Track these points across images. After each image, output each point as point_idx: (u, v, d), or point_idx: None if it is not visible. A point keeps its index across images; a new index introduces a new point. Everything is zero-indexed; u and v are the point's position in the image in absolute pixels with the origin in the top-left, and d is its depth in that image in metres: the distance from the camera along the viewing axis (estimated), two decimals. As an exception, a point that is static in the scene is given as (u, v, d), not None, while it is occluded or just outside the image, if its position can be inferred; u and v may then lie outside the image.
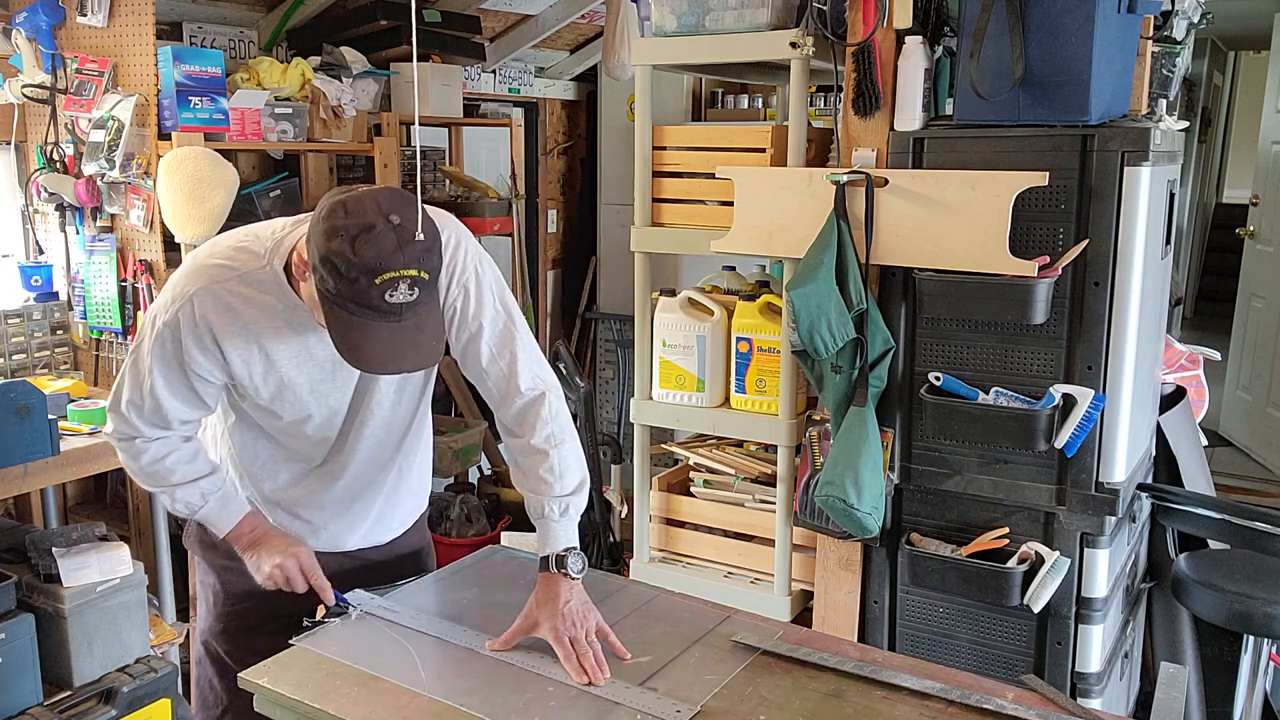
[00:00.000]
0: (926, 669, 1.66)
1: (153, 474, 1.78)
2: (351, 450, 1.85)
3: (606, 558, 3.83)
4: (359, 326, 1.49)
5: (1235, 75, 9.25)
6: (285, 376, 1.71)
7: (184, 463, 1.78)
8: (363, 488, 1.90)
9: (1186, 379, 2.94)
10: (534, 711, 1.52)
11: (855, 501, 2.24)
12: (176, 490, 1.78)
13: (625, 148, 4.18)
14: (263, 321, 1.65)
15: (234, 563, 1.87)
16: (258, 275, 1.65)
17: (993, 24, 2.14)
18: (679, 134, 2.68)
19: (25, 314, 3.02)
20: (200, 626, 1.96)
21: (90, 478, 3.37)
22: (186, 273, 1.68)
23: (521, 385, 1.77)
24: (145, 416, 1.73)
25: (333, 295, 1.48)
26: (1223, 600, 2.33)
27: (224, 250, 1.68)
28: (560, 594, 1.69)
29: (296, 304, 1.65)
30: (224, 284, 1.64)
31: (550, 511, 1.75)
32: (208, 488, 1.79)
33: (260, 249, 1.66)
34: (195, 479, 1.78)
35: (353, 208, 1.47)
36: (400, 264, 1.45)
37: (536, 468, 1.76)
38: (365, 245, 1.44)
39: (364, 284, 1.45)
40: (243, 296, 1.64)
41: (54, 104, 2.97)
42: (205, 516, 1.80)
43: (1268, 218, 5.60)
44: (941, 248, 2.19)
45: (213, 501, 1.79)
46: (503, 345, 1.77)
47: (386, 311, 1.47)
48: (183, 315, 1.64)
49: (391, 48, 3.77)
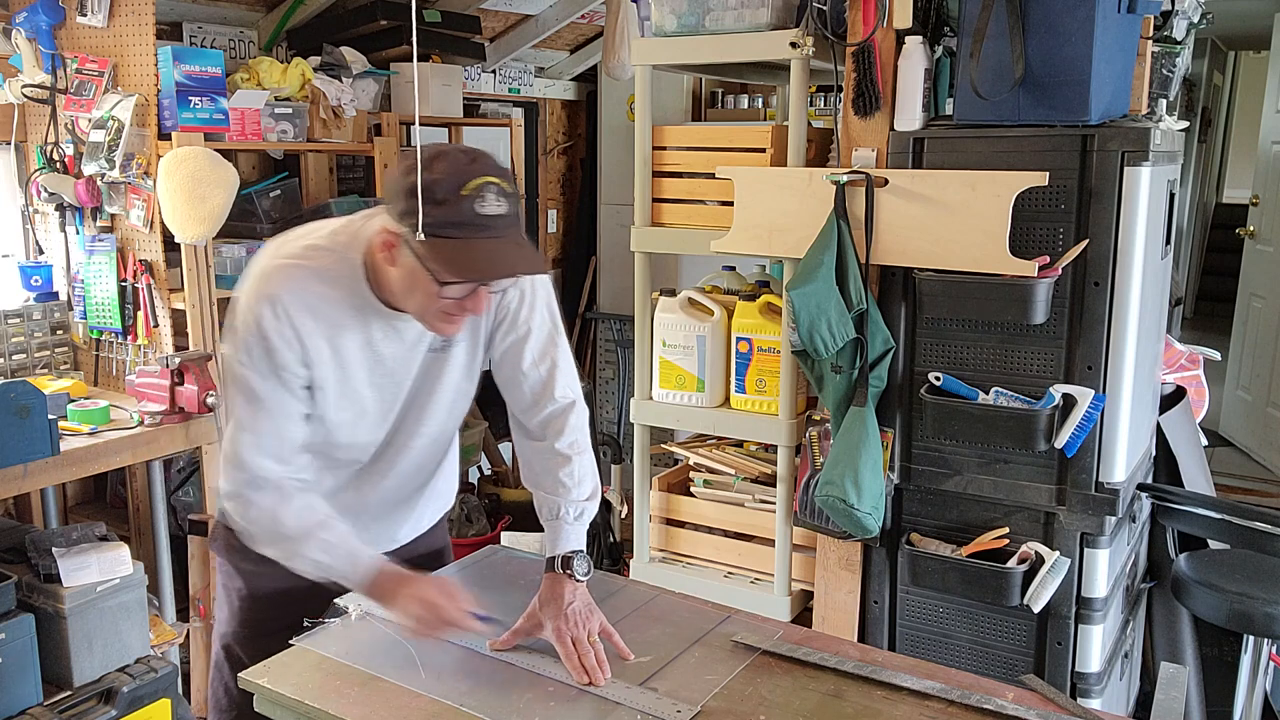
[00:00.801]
0: (926, 669, 1.66)
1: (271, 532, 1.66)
2: (400, 455, 1.84)
3: (606, 558, 3.83)
4: (463, 246, 1.50)
5: (1235, 75, 9.25)
6: (351, 370, 1.70)
7: (301, 513, 1.66)
8: (406, 495, 1.91)
9: (1186, 379, 2.94)
10: (534, 711, 1.52)
11: (855, 501, 2.24)
12: (300, 546, 1.64)
13: (625, 148, 4.18)
14: (335, 315, 1.65)
15: (262, 567, 1.85)
16: (332, 271, 1.64)
17: (993, 24, 2.14)
18: (679, 134, 2.68)
19: (25, 314, 3.02)
20: (221, 630, 1.94)
21: (90, 478, 3.37)
22: (257, 278, 1.64)
23: (556, 393, 1.81)
24: (264, 444, 1.64)
25: (428, 226, 1.48)
26: (1223, 600, 2.33)
27: (294, 250, 1.66)
28: (564, 594, 1.70)
29: (368, 298, 1.64)
30: (299, 281, 1.62)
31: (565, 514, 1.78)
32: (331, 540, 1.66)
33: (333, 245, 1.66)
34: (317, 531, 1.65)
35: (419, 154, 1.51)
36: (480, 172, 1.49)
37: (557, 470, 1.80)
38: (441, 165, 1.48)
39: (453, 200, 1.47)
40: (316, 294, 1.63)
41: (54, 104, 2.97)
42: (335, 572, 1.66)
43: (1268, 218, 5.60)
44: (941, 248, 2.19)
45: (339, 557, 1.66)
46: (545, 352, 1.80)
47: (481, 225, 1.49)
48: (265, 320, 1.60)
49: (391, 48, 3.77)
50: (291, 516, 1.65)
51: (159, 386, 2.77)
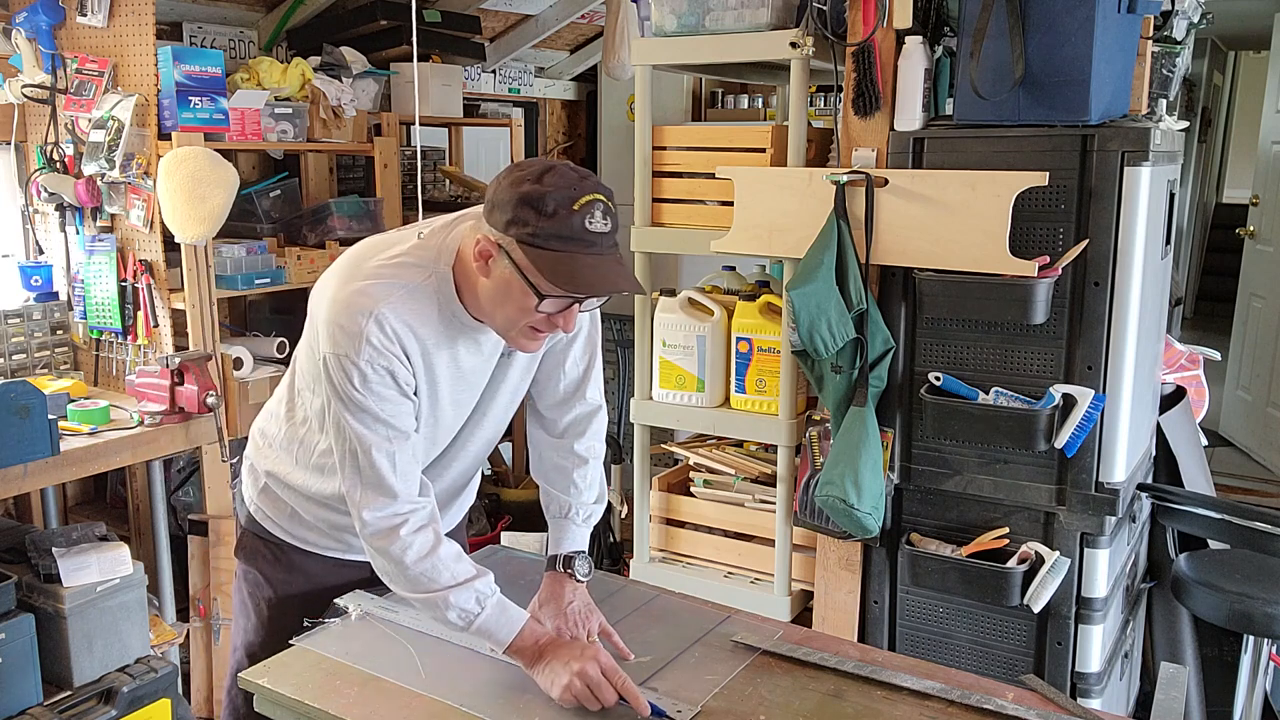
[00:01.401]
0: (926, 669, 1.66)
1: (419, 575, 1.57)
2: (457, 458, 1.83)
3: (606, 558, 3.83)
4: (566, 260, 1.48)
5: (1235, 75, 9.24)
6: (439, 389, 1.67)
7: (451, 561, 1.59)
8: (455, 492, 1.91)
9: (1186, 379, 2.94)
10: (534, 711, 1.52)
11: (855, 501, 2.24)
12: (450, 594, 1.56)
13: (625, 148, 4.18)
14: (426, 332, 1.61)
15: (293, 575, 1.85)
16: (426, 288, 1.59)
17: (993, 24, 2.14)
18: (679, 134, 2.68)
19: (25, 314, 3.02)
20: (245, 639, 1.91)
21: (90, 478, 3.37)
22: (353, 297, 1.57)
23: (588, 394, 1.84)
24: (399, 465, 1.58)
25: (535, 237, 1.47)
26: (1223, 600, 2.33)
27: (376, 269, 1.60)
28: (565, 594, 1.72)
29: (456, 313, 1.61)
30: (395, 301, 1.57)
31: (574, 514, 1.81)
32: (483, 590, 1.59)
33: (418, 260, 1.60)
34: (467, 580, 1.58)
35: (526, 165, 1.51)
36: (590, 189, 1.48)
37: (572, 470, 1.83)
38: (553, 178, 1.47)
39: (564, 214, 1.46)
40: (410, 310, 1.59)
41: (54, 104, 2.97)
42: (483, 624, 1.58)
43: (1268, 218, 5.60)
44: (941, 248, 2.19)
45: (490, 607, 1.58)
46: (586, 351, 1.82)
47: (589, 241, 1.48)
48: (374, 338, 1.54)
49: (391, 48, 3.77)
50: (448, 563, 1.58)
51: (159, 386, 2.78)
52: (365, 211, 3.49)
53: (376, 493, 1.57)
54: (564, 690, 1.52)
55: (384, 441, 1.57)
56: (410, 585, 1.59)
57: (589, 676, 1.51)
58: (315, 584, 1.84)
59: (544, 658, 1.57)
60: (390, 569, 1.60)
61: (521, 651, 1.58)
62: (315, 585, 1.84)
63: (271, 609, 1.88)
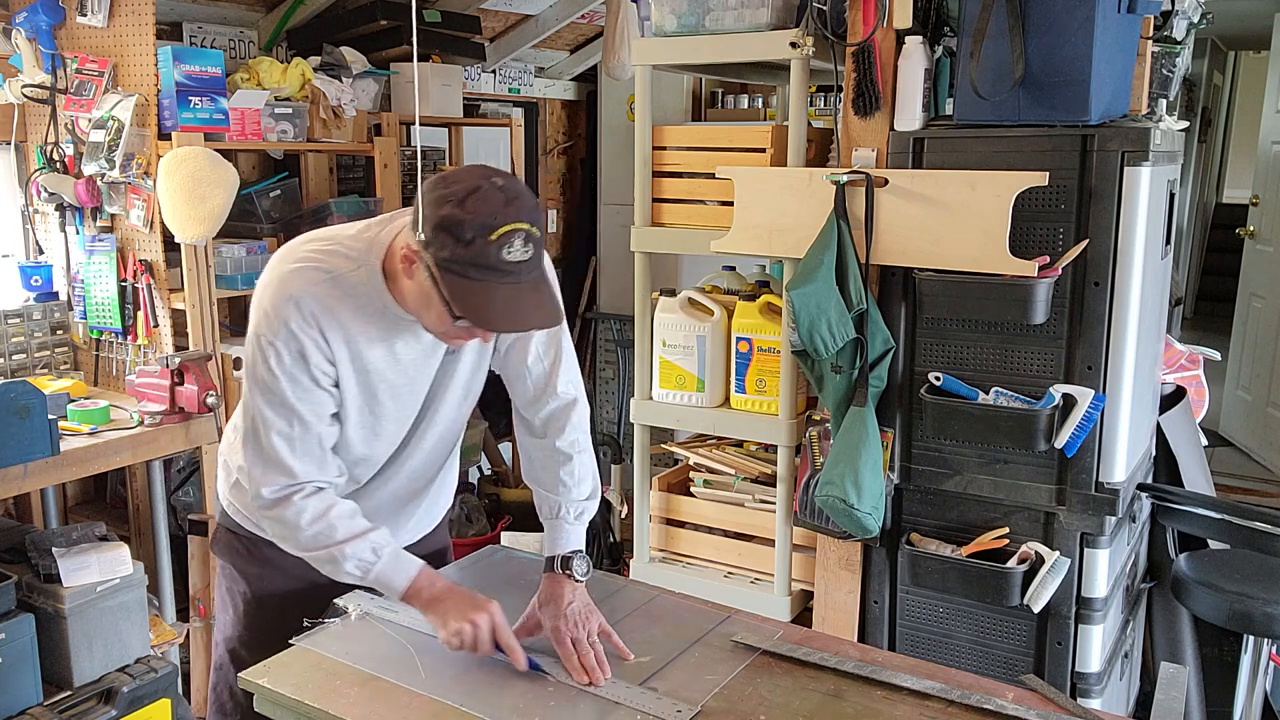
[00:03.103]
0: (926, 669, 1.66)
1: (316, 535, 1.63)
2: (412, 455, 1.84)
3: (606, 558, 3.83)
4: (481, 290, 1.48)
5: (1235, 75, 9.25)
6: (373, 381, 1.68)
7: (345, 518, 1.65)
8: (415, 490, 1.91)
9: (1186, 379, 2.94)
10: (534, 711, 1.52)
11: (855, 501, 2.24)
12: (345, 548, 1.62)
13: (625, 148, 4.18)
14: (356, 324, 1.63)
15: (266, 570, 1.85)
16: (351, 277, 1.61)
17: (993, 24, 2.14)
18: (679, 134, 2.68)
19: (25, 314, 3.02)
20: (224, 634, 1.93)
21: (90, 478, 3.37)
22: (276, 281, 1.61)
23: (559, 388, 1.81)
24: (297, 447, 1.62)
25: (451, 262, 1.46)
26: (1223, 600, 2.33)
27: (309, 255, 1.63)
28: (564, 595, 1.70)
29: (388, 305, 1.62)
30: (320, 285, 1.60)
31: (565, 513, 1.79)
32: (378, 541, 1.65)
33: (350, 251, 1.62)
34: (363, 533, 1.64)
35: (454, 177, 1.48)
36: (513, 218, 1.45)
37: (558, 469, 1.80)
38: (476, 203, 1.45)
39: (481, 243, 1.44)
40: (336, 298, 1.61)
41: (54, 104, 2.97)
42: (379, 574, 1.65)
43: (1268, 218, 5.60)
44: (941, 248, 2.19)
45: (385, 556, 1.65)
46: (549, 345, 1.80)
47: (506, 271, 1.47)
48: (293, 321, 1.58)
49: (391, 48, 3.77)
50: (342, 519, 1.64)
51: (159, 386, 2.77)
52: (365, 211, 3.49)
53: (275, 472, 1.62)
54: (451, 634, 1.61)
55: (285, 425, 1.61)
56: (308, 544, 1.64)
57: (479, 625, 1.60)
58: (291, 579, 1.83)
59: (440, 601, 1.64)
60: (285, 533, 1.66)
61: (417, 595, 1.65)
62: (291, 580, 1.83)
63: (247, 604, 1.90)
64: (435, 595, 1.66)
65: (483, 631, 1.61)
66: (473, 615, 1.61)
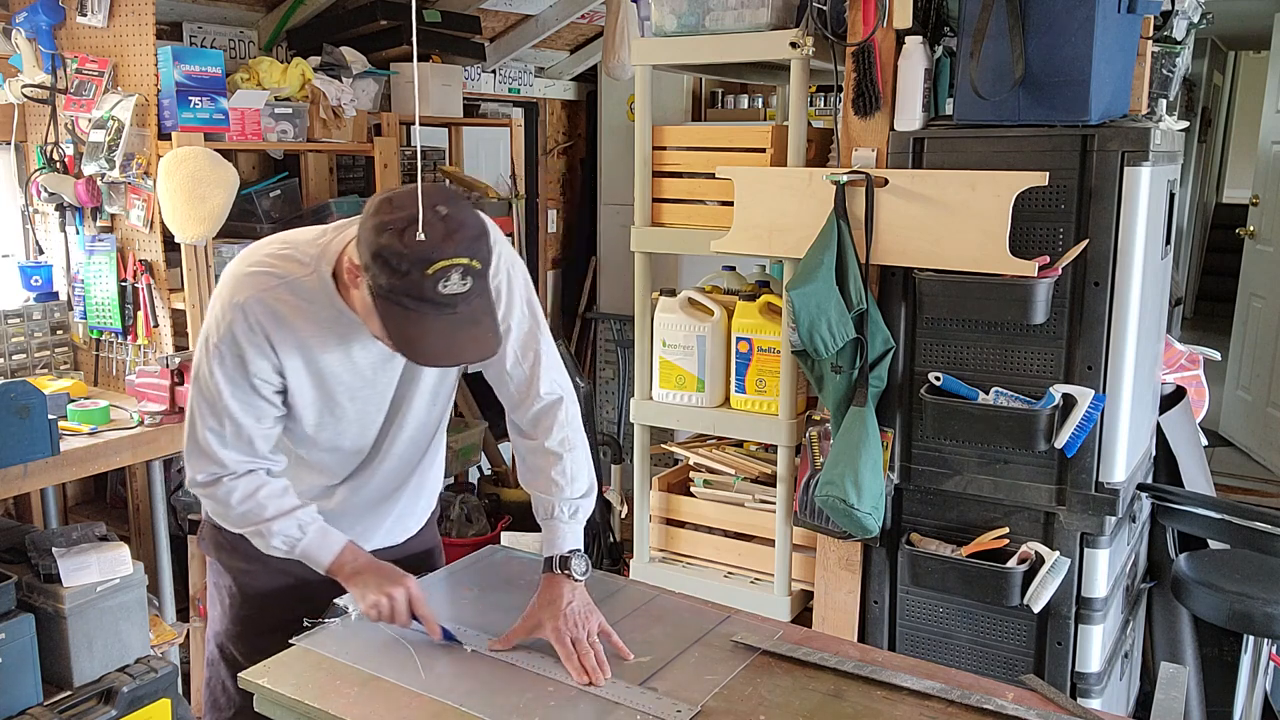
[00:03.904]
0: (926, 669, 1.66)
1: (244, 513, 1.70)
2: (383, 458, 1.85)
3: (606, 558, 3.83)
4: (415, 321, 1.48)
5: (1235, 75, 9.25)
6: (329, 384, 1.70)
7: (275, 496, 1.71)
8: (388, 493, 1.91)
9: (1186, 379, 2.94)
10: (534, 711, 1.52)
11: (855, 501, 2.24)
12: (273, 524, 1.69)
13: (625, 148, 4.18)
14: (308, 329, 1.64)
15: (251, 565, 1.86)
16: (304, 283, 1.62)
17: (993, 24, 2.14)
18: (679, 134, 2.68)
19: (25, 314, 3.02)
20: (214, 629, 1.95)
21: (90, 478, 3.37)
22: (229, 284, 1.65)
23: (541, 390, 1.79)
24: (227, 440, 1.67)
25: (386, 291, 1.47)
26: (1223, 600, 2.33)
27: (264, 259, 1.65)
28: (563, 595, 1.70)
29: (342, 310, 1.63)
30: (270, 291, 1.62)
31: (560, 513, 1.78)
32: (304, 518, 1.72)
33: (304, 257, 1.63)
34: (290, 510, 1.71)
35: (399, 202, 1.47)
36: (451, 252, 1.44)
37: (549, 469, 1.79)
38: (413, 234, 1.43)
39: (416, 276, 1.43)
40: (288, 304, 1.62)
41: (54, 104, 2.97)
42: (305, 549, 1.72)
43: (1268, 218, 5.60)
44: (941, 248, 2.19)
45: (311, 533, 1.72)
46: (527, 349, 1.78)
47: (441, 304, 1.46)
48: (237, 326, 1.61)
49: (391, 48, 3.77)
50: (271, 498, 1.70)
51: (159, 386, 2.78)
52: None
53: (206, 461, 1.68)
54: (370, 606, 1.69)
55: (216, 424, 1.66)
56: (237, 521, 1.71)
57: (395, 598, 1.69)
58: (277, 574, 1.84)
59: (361, 575, 1.72)
60: (218, 510, 1.73)
61: (340, 569, 1.73)
62: (277, 576, 1.84)
63: (232, 599, 1.91)
64: (357, 569, 1.73)
65: (399, 604, 1.69)
66: (389, 589, 1.69)
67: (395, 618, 1.69)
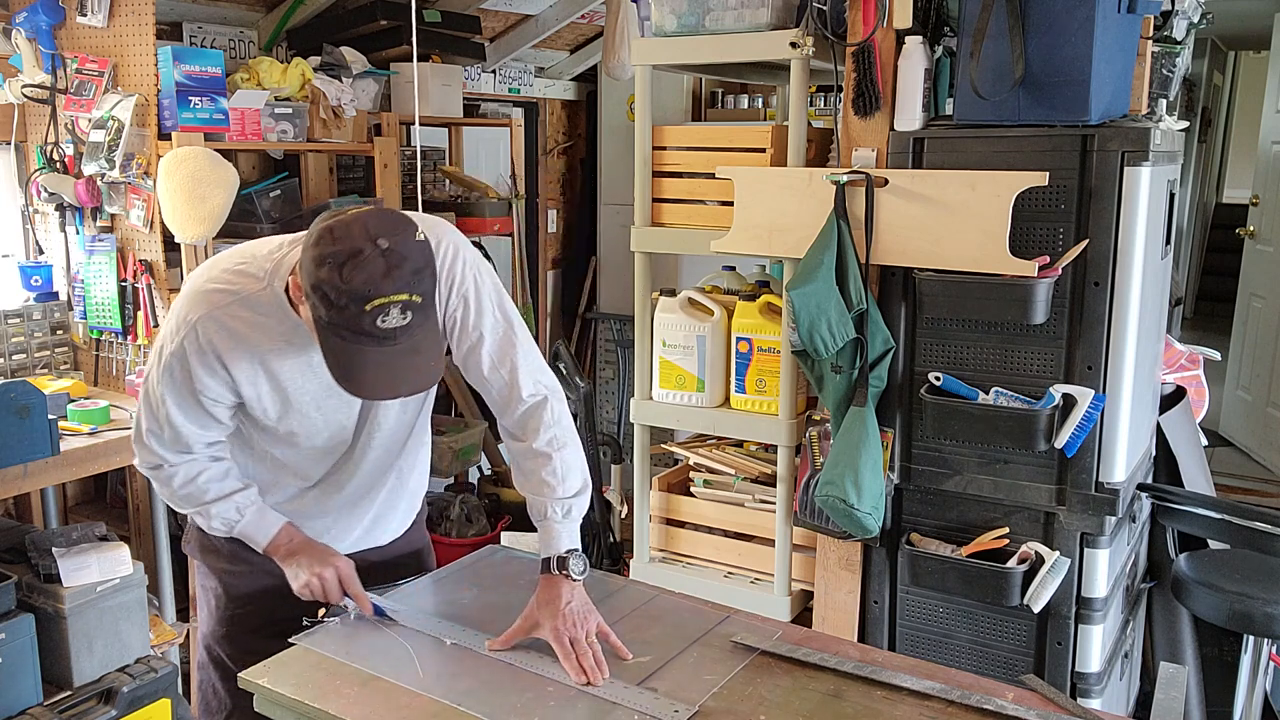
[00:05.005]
0: (926, 669, 1.66)
1: (186, 496, 1.78)
2: (358, 461, 1.86)
3: (606, 558, 3.83)
4: (354, 353, 1.48)
5: (1235, 75, 9.24)
6: (291, 395, 1.71)
7: (216, 480, 1.78)
8: (362, 495, 1.91)
9: (1186, 379, 2.94)
10: (533, 711, 1.52)
11: (855, 501, 2.24)
12: (212, 508, 1.77)
13: (625, 148, 4.18)
14: (265, 343, 1.65)
15: (236, 566, 1.87)
16: (257, 298, 1.64)
17: (993, 24, 2.14)
18: (679, 134, 2.68)
19: (25, 314, 3.02)
20: (202, 630, 1.96)
21: (90, 478, 3.37)
22: (186, 299, 1.67)
23: (524, 392, 1.78)
24: (166, 443, 1.74)
25: (325, 323, 1.47)
26: (1223, 600, 2.33)
27: (221, 275, 1.67)
28: (561, 595, 1.70)
29: (297, 323, 1.63)
30: (224, 309, 1.63)
31: (553, 514, 1.76)
32: (242, 502, 1.79)
33: (259, 271, 1.65)
34: (229, 494, 1.78)
35: (340, 233, 1.45)
36: (390, 289, 1.43)
37: (539, 470, 1.77)
38: (353, 271, 1.42)
39: (354, 311, 1.43)
40: (244, 320, 1.63)
41: (54, 104, 2.97)
42: (243, 531, 1.80)
43: (1268, 218, 5.60)
44: (941, 248, 2.19)
45: (249, 515, 1.79)
46: (503, 354, 1.77)
47: (380, 337, 1.46)
48: (188, 343, 1.64)
49: (391, 48, 3.77)
50: (212, 481, 1.77)
51: (159, 386, 2.77)
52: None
53: (147, 454, 1.77)
54: (302, 585, 1.77)
55: (157, 429, 1.73)
56: (180, 503, 1.81)
57: (325, 578, 1.76)
58: (262, 575, 1.85)
59: (296, 555, 1.79)
60: (162, 490, 1.82)
61: (276, 550, 1.81)
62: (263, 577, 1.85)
63: (219, 600, 1.91)
64: (292, 550, 1.80)
65: (330, 583, 1.76)
66: (319, 569, 1.76)
67: (327, 596, 1.77)
